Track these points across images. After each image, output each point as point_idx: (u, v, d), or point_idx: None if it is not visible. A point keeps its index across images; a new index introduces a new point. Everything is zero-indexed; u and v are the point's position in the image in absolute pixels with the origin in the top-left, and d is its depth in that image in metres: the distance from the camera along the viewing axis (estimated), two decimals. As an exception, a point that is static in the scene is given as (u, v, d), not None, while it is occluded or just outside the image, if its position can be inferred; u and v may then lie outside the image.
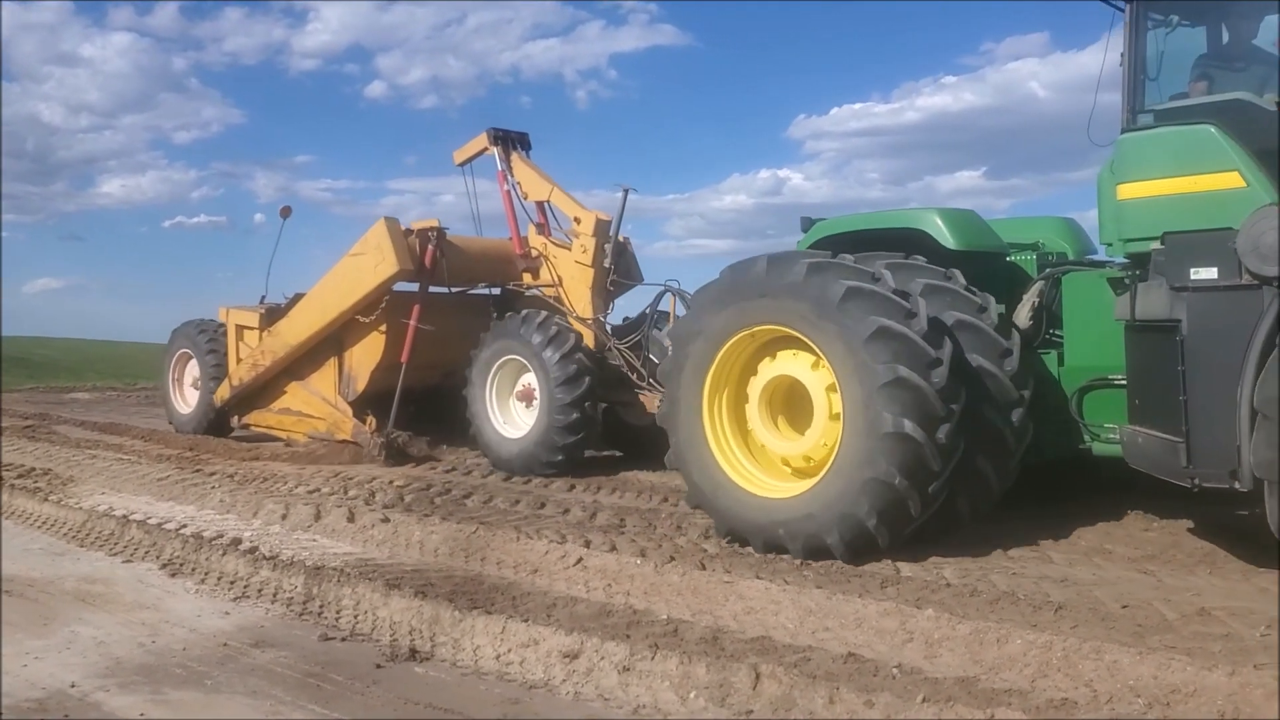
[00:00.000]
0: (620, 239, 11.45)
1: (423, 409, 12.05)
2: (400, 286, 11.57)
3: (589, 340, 10.86)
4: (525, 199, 11.97)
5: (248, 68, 69.79)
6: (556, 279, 11.51)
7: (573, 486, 9.90)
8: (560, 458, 10.33)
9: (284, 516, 8.35)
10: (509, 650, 5.24)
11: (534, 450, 10.39)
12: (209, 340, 13.75)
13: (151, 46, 70.13)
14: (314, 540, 7.76)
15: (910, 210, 7.76)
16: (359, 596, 6.09)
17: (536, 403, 10.60)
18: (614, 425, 11.42)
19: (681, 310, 10.69)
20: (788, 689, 4.52)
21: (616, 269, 11.32)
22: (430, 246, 11.36)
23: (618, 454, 11.59)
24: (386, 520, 7.86)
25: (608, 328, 11.24)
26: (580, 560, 6.67)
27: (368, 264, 11.31)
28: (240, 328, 13.11)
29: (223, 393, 13.16)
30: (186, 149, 74.03)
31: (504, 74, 69.95)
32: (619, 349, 10.85)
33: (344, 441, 11.73)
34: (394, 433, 11.26)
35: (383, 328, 11.55)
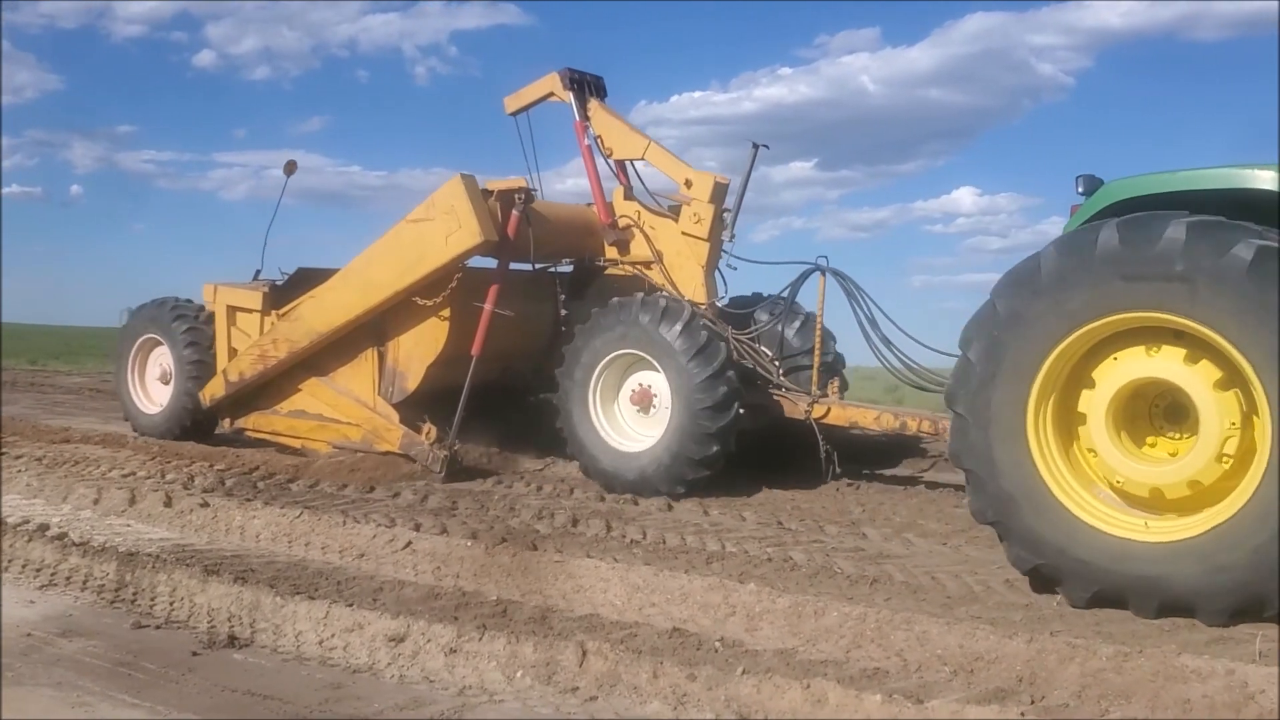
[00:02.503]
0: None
1: (478, 410, 9.65)
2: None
3: None
4: (609, 156, 10.12)
5: (66, 32, 66.43)
6: (656, 254, 9.74)
7: (405, 470, 9.76)
8: (681, 490, 8.58)
9: (96, 501, 7.98)
10: (332, 635, 5.15)
11: (657, 473, 8.62)
12: (188, 324, 11.31)
13: (-43, 5, 65.82)
14: (128, 526, 7.45)
15: (1250, 168, 5.73)
16: (175, 583, 5.88)
17: (656, 409, 8.91)
18: None
19: (840, 293, 9.12)
20: (613, 665, 4.59)
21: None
22: (515, 213, 9.19)
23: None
24: (206, 505, 7.59)
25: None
26: (409, 544, 6.60)
27: (436, 233, 9.05)
28: (234, 309, 10.77)
29: (214, 389, 10.70)
30: (-3, 115, 69.82)
31: (341, 47, 68.52)
32: (740, 342, 9.12)
33: (387, 453, 9.57)
34: (458, 444, 9.32)
35: (445, 313, 9.31)
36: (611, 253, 9.99)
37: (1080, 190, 6.44)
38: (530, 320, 9.70)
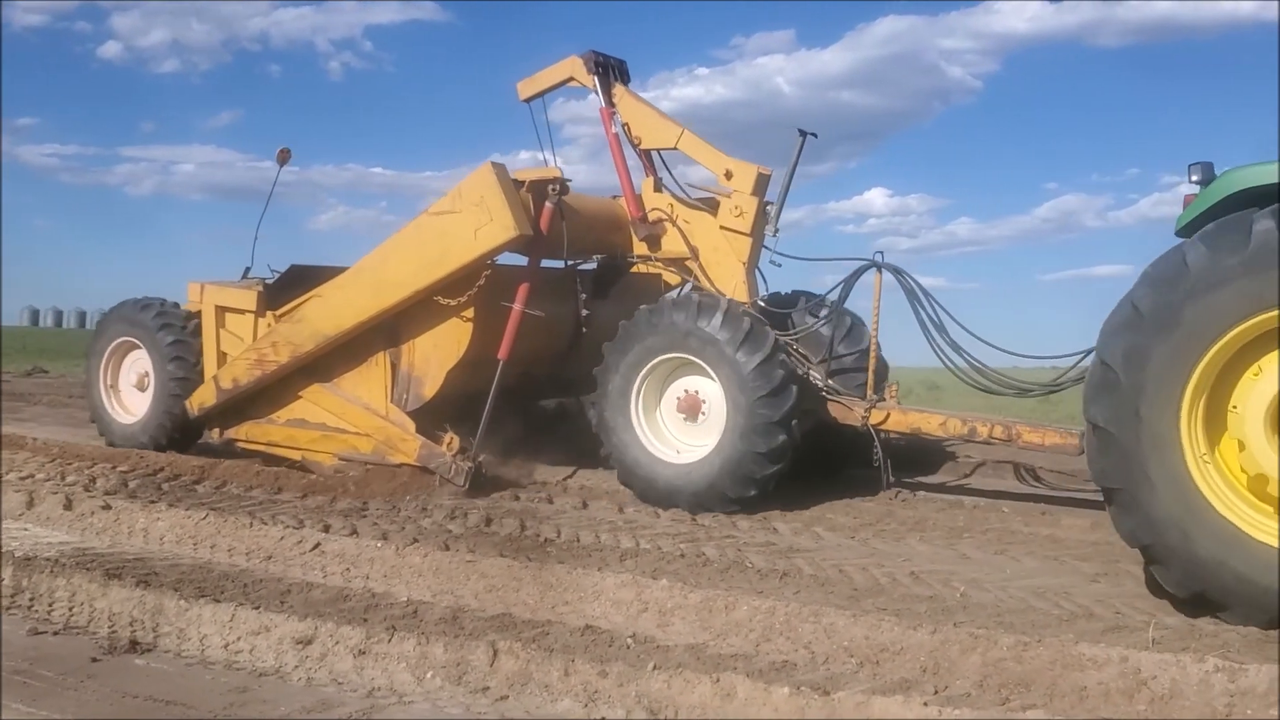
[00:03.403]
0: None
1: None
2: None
3: None
4: (637, 145, 9.50)
5: (-41, 19, 64.04)
6: (691, 249, 9.17)
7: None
8: (753, 492, 7.88)
9: (-9, 505, 7.73)
10: (238, 639, 5.04)
11: (718, 482, 7.90)
12: (174, 335, 10.36)
13: None
14: (25, 529, 7.21)
15: None
16: (75, 587, 5.71)
17: (707, 413, 8.26)
18: None
19: (899, 288, 8.53)
20: (525, 664, 4.57)
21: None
22: (549, 205, 8.54)
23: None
24: (108, 507, 7.40)
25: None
26: (318, 545, 6.51)
27: (464, 226, 8.31)
28: (223, 310, 9.90)
29: (205, 397, 9.80)
30: (-116, 107, 67.21)
31: (252, 40, 67.30)
32: (786, 344, 8.41)
33: (402, 465, 8.82)
34: (483, 455, 8.65)
35: (469, 313, 8.61)
36: (641, 248, 9.38)
37: (1194, 179, 6.04)
38: (552, 321, 9.07)
